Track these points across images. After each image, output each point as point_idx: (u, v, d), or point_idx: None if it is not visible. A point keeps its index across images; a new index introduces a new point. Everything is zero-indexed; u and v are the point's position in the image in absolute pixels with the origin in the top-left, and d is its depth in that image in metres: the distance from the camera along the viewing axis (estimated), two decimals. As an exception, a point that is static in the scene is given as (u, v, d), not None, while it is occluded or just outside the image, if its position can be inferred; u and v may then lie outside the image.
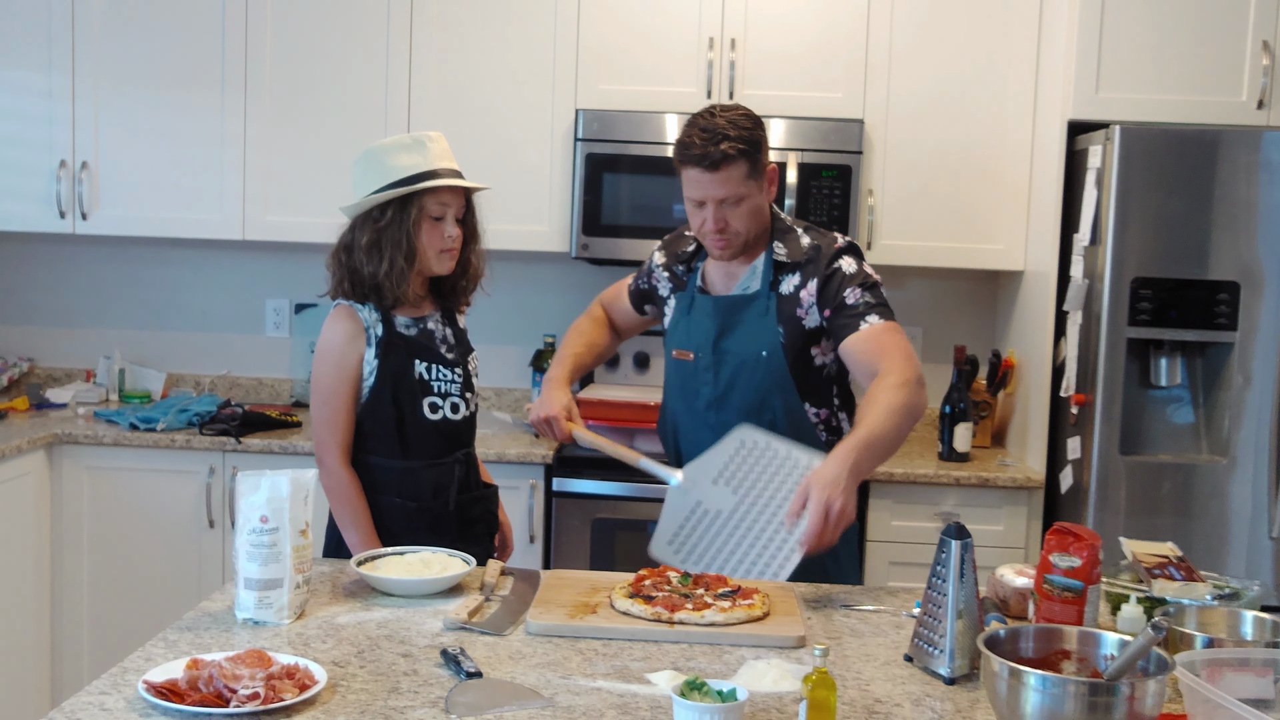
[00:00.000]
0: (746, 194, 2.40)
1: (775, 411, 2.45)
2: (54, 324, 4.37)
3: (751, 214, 2.44)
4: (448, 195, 2.48)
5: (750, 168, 2.39)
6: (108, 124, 3.92)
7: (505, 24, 3.84)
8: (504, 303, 4.04)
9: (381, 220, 2.45)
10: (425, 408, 2.51)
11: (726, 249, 2.46)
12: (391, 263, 2.44)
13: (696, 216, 2.44)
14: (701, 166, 2.37)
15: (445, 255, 2.50)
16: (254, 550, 1.98)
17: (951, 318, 4.20)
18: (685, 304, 2.60)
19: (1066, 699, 1.50)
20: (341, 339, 2.48)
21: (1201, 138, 3.31)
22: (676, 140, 2.44)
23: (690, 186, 2.41)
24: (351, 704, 1.68)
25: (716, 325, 2.51)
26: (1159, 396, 3.42)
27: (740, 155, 2.37)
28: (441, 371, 2.53)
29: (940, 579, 1.85)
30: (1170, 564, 2.14)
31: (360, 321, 2.49)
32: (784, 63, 3.80)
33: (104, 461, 3.71)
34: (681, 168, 2.42)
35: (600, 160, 3.76)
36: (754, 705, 1.71)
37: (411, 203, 2.45)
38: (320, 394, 2.50)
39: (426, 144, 2.49)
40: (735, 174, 2.37)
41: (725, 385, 2.48)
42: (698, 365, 2.53)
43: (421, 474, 2.51)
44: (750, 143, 2.39)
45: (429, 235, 2.47)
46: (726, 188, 2.38)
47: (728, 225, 2.42)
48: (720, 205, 2.40)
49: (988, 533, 3.50)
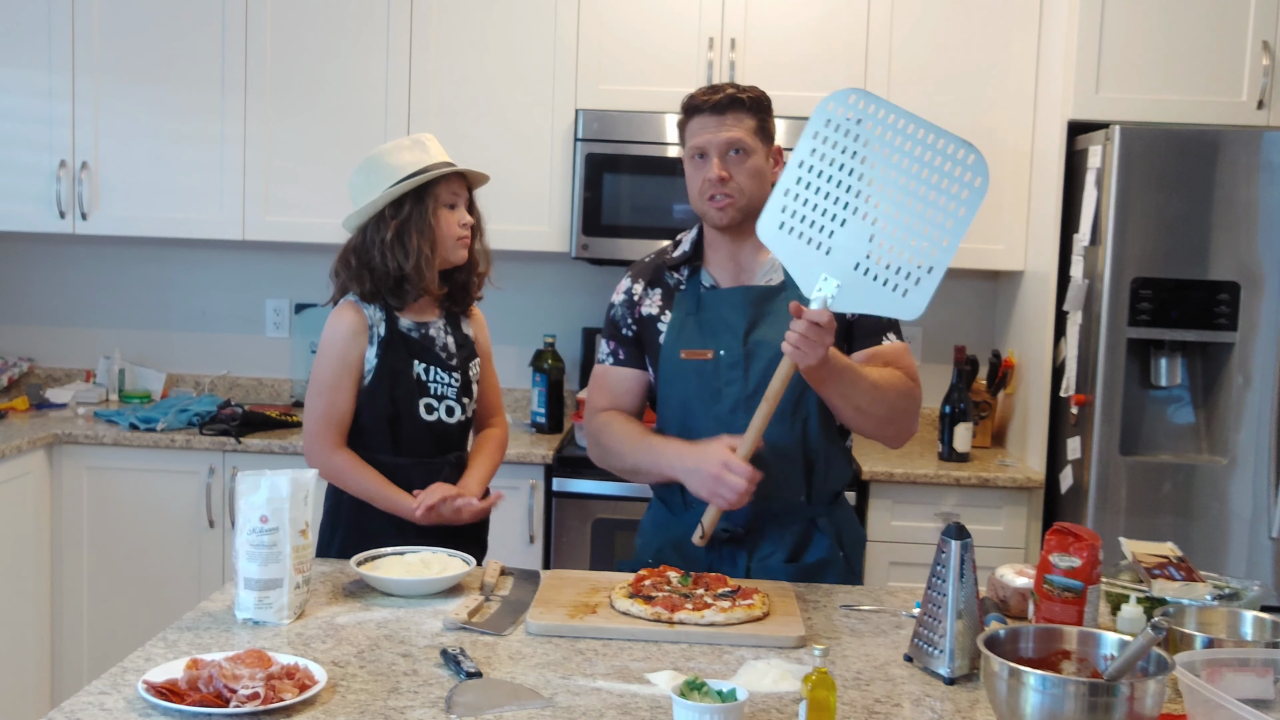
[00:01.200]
0: (752, 148, 2.30)
1: (809, 412, 2.32)
2: (54, 324, 4.37)
3: (755, 174, 2.31)
4: (457, 185, 2.55)
5: (758, 125, 2.32)
6: (108, 124, 3.92)
7: (505, 24, 3.85)
8: (504, 303, 4.04)
9: (400, 213, 2.49)
10: (421, 408, 2.53)
11: (727, 208, 2.30)
12: (419, 252, 2.48)
13: (698, 175, 2.32)
14: (708, 110, 2.29)
15: (460, 243, 2.55)
16: (254, 550, 1.98)
17: (951, 318, 4.20)
18: (690, 304, 2.40)
19: (1066, 699, 1.50)
20: (346, 333, 2.51)
21: (1201, 138, 3.31)
22: (682, 104, 2.37)
23: (695, 135, 2.31)
24: (351, 704, 1.68)
25: (747, 317, 2.34)
26: (1159, 396, 3.42)
27: (749, 106, 2.30)
28: (439, 374, 2.55)
29: (940, 579, 1.85)
30: (1170, 564, 2.14)
31: (365, 318, 2.52)
32: (784, 63, 3.80)
33: (104, 461, 3.71)
34: (687, 121, 2.34)
35: (600, 160, 3.76)
36: (754, 705, 1.71)
37: (427, 192, 2.50)
38: (318, 385, 2.52)
39: (425, 143, 2.56)
40: (742, 121, 2.30)
41: (757, 382, 2.28)
42: (720, 364, 2.34)
43: (413, 472, 2.52)
44: (759, 101, 2.33)
45: (446, 223, 2.52)
46: (733, 131, 2.28)
47: (730, 177, 2.29)
48: (724, 155, 2.29)
49: (988, 533, 3.50)
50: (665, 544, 2.40)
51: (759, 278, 2.39)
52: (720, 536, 2.33)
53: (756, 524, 2.34)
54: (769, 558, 2.34)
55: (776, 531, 2.35)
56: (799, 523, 2.36)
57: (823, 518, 2.38)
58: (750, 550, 2.35)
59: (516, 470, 3.60)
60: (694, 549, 2.31)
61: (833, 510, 2.41)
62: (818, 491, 2.36)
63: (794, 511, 2.36)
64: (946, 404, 3.76)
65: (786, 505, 2.35)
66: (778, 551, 2.35)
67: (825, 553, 2.37)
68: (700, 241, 2.45)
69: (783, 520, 2.35)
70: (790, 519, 2.36)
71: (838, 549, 2.39)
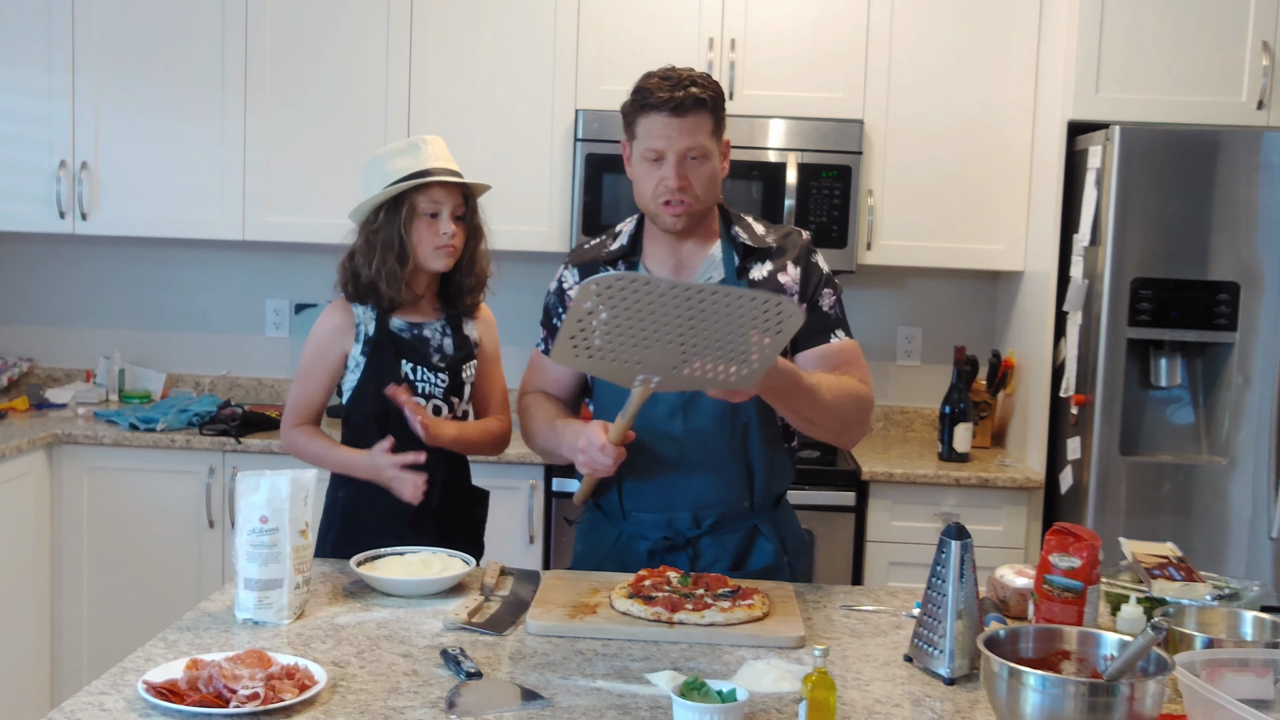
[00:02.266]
0: (710, 152, 2.21)
1: (751, 415, 2.27)
2: (54, 324, 4.37)
3: (710, 179, 2.23)
4: (440, 193, 2.49)
5: (714, 123, 2.22)
6: (108, 124, 3.92)
7: (505, 24, 3.84)
8: (504, 303, 4.01)
9: (375, 223, 2.50)
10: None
11: (682, 214, 2.22)
12: (383, 263, 2.48)
13: (651, 176, 2.21)
14: (667, 110, 2.16)
15: (441, 252, 2.50)
16: (254, 550, 1.98)
17: (951, 318, 4.20)
18: None
19: (1066, 699, 1.50)
20: (329, 330, 2.56)
21: (1201, 138, 3.31)
22: (631, 91, 2.23)
23: (651, 136, 2.19)
24: (351, 704, 1.68)
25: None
26: (1159, 397, 3.42)
27: (708, 104, 2.19)
28: (426, 374, 2.55)
29: (940, 579, 1.85)
30: (1170, 564, 2.14)
31: (352, 317, 2.54)
32: (784, 63, 3.80)
33: (104, 461, 3.71)
34: (640, 117, 2.20)
35: (600, 160, 3.76)
36: (754, 705, 1.71)
37: (402, 202, 2.48)
38: (296, 375, 2.64)
39: (421, 146, 2.52)
40: (702, 124, 2.19)
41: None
42: None
43: (404, 472, 2.52)
44: (716, 93, 2.22)
45: (423, 232, 2.48)
46: (693, 137, 2.18)
47: (688, 182, 2.20)
48: (683, 159, 2.19)
49: (988, 533, 3.50)
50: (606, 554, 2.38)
51: (699, 274, 2.32)
52: (661, 545, 2.32)
53: (698, 532, 2.32)
54: (711, 566, 2.31)
55: (719, 539, 2.32)
56: (741, 530, 2.33)
57: (765, 523, 2.35)
58: (692, 559, 2.32)
59: (516, 470, 3.60)
60: (633, 557, 2.31)
61: (775, 515, 2.38)
62: (760, 497, 2.33)
63: (736, 518, 2.32)
64: (946, 404, 3.76)
65: (728, 513, 2.31)
66: (720, 559, 2.32)
67: (770, 559, 2.34)
68: (639, 235, 2.37)
69: (725, 527, 2.32)
70: (732, 526, 2.32)
71: (782, 554, 2.35)
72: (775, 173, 3.71)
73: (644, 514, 2.33)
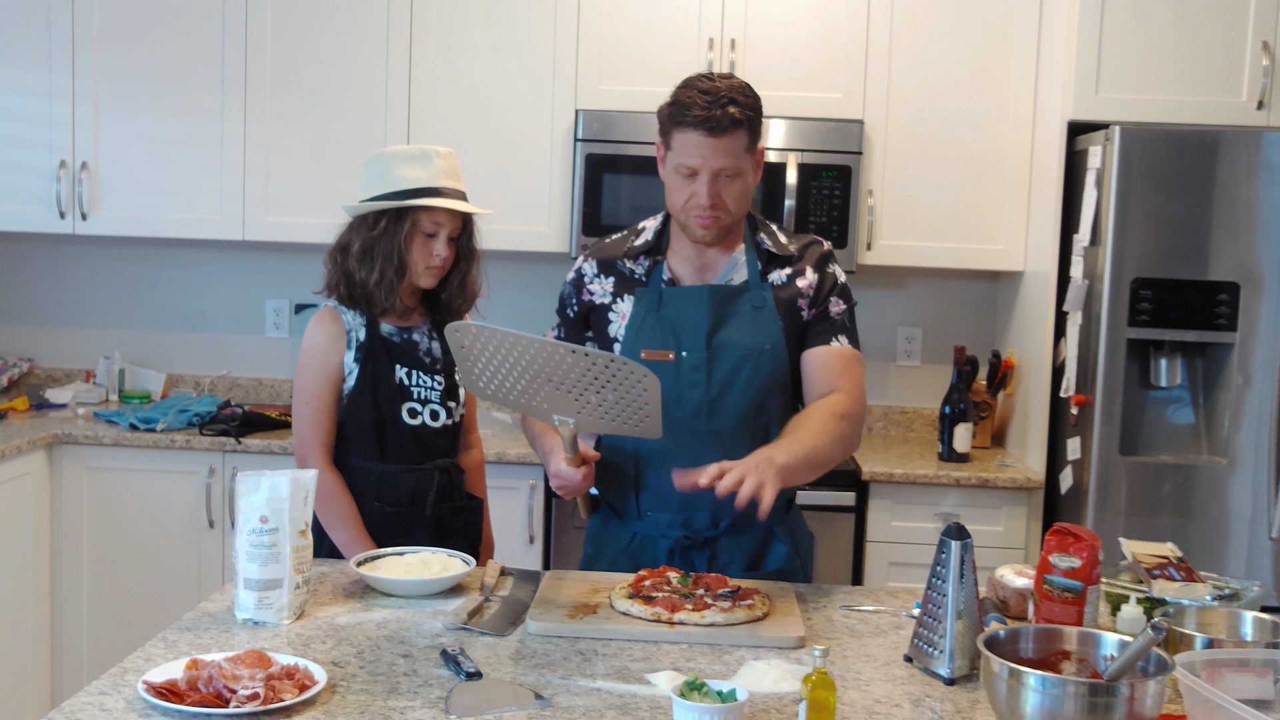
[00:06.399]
0: (744, 169, 2.21)
1: (772, 416, 2.29)
2: (54, 324, 4.37)
3: (743, 195, 2.24)
4: (442, 215, 2.48)
5: (750, 140, 2.21)
6: (108, 124, 3.92)
7: (505, 24, 3.84)
8: (504, 303, 4.03)
9: (375, 229, 2.47)
10: (404, 413, 2.52)
11: (712, 228, 2.24)
12: (382, 274, 2.46)
13: (684, 190, 2.22)
14: (704, 130, 2.15)
15: (430, 271, 2.51)
16: (254, 550, 1.98)
17: (951, 318, 4.20)
18: (652, 300, 2.31)
19: (1066, 699, 1.50)
20: (324, 340, 2.51)
21: (1201, 138, 3.31)
22: (670, 101, 2.22)
23: (686, 153, 2.18)
24: (351, 704, 1.68)
25: (710, 317, 2.27)
26: (1159, 397, 3.42)
27: (746, 123, 2.18)
28: (422, 378, 2.54)
29: (940, 579, 1.85)
30: (1170, 564, 2.14)
31: (343, 324, 2.51)
32: (784, 63, 3.80)
33: (104, 462, 3.71)
34: (676, 131, 2.19)
35: (600, 160, 3.76)
36: (754, 706, 1.71)
37: (406, 217, 2.46)
38: (303, 395, 2.52)
39: (433, 159, 2.49)
40: (738, 143, 2.18)
41: (720, 385, 2.26)
42: (682, 366, 2.27)
43: (400, 479, 2.51)
44: (754, 111, 2.21)
45: (419, 250, 2.48)
46: (728, 158, 2.17)
47: (721, 200, 2.21)
48: (716, 177, 2.19)
49: (988, 533, 3.50)
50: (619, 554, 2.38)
51: (722, 276, 2.33)
52: (682, 544, 2.33)
53: (715, 532, 2.33)
54: (727, 566, 2.32)
55: (735, 540, 2.34)
56: (758, 530, 2.34)
57: (780, 525, 2.37)
58: (710, 559, 2.33)
59: (516, 470, 3.60)
60: (648, 557, 2.32)
61: (787, 517, 2.41)
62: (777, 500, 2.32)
63: (752, 521, 2.29)
64: (946, 404, 3.76)
65: (745, 514, 2.27)
66: (736, 560, 2.33)
67: (785, 561, 2.36)
68: (664, 231, 2.37)
69: (741, 529, 2.33)
70: (748, 528, 2.33)
71: (795, 557, 2.38)
72: (775, 173, 3.71)
73: (660, 514, 2.33)
